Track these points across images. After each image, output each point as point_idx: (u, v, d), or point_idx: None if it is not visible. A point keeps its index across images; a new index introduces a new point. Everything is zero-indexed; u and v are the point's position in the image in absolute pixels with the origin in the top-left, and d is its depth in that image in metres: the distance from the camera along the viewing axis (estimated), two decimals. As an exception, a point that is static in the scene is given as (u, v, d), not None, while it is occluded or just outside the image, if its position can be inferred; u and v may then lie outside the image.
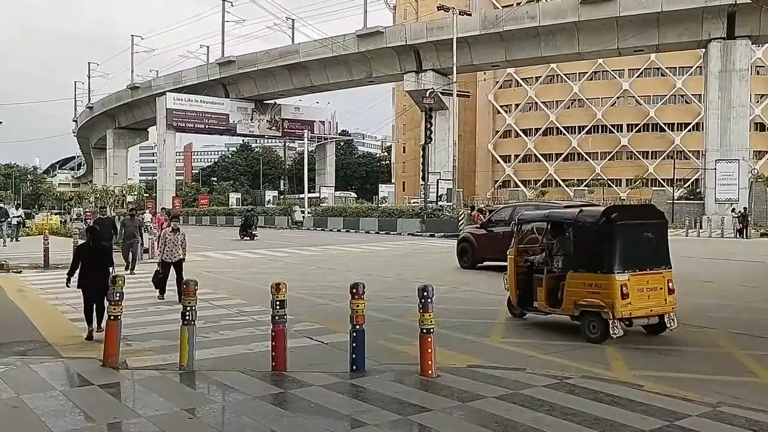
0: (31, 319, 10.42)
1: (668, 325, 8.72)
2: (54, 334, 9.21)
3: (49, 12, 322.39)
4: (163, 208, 46.26)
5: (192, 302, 6.86)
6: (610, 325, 8.24)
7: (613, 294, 8.24)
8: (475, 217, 25.35)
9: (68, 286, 9.35)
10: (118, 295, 7.07)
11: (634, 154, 73.12)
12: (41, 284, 14.55)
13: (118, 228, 18.15)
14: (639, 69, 71.84)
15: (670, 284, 8.70)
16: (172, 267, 12.26)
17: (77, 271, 9.14)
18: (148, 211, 32.99)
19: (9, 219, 29.84)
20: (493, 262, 16.22)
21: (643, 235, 8.88)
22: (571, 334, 9.00)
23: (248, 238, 32.20)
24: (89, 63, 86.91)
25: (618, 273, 8.31)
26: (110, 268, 9.28)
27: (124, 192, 73.85)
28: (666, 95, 72.35)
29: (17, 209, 38.54)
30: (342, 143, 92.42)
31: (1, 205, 33.86)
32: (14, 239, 29.53)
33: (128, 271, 16.10)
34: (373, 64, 52.49)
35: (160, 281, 12.37)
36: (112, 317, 7.04)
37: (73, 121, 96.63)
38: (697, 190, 51.56)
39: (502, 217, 17.36)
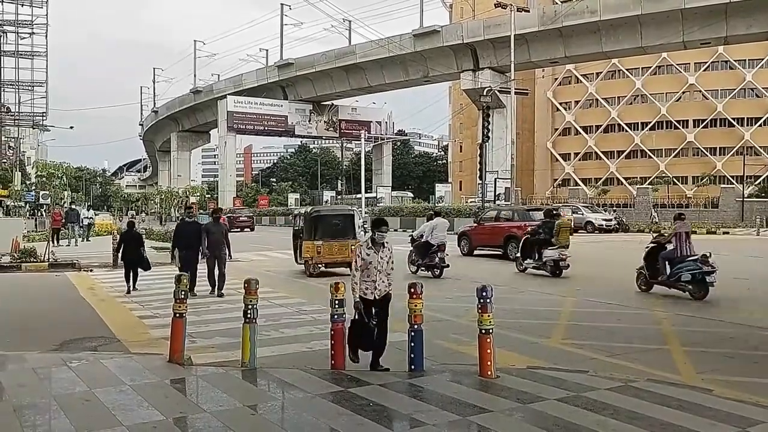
0: (101, 316, 10.83)
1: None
2: (123, 330, 9.55)
3: (115, 22, 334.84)
4: (225, 209, 47.26)
5: (253, 301, 6.99)
6: (312, 267, 15.91)
7: (313, 251, 15.92)
8: None
9: (115, 264, 13.69)
10: (183, 293, 7.26)
11: (701, 151, 70.48)
12: (110, 282, 15.09)
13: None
14: (705, 62, 69.16)
15: (352, 247, 13.67)
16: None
17: (122, 248, 13.95)
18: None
19: (81, 219, 31.22)
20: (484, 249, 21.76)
21: (333, 221, 16.57)
22: (636, 337, 8.76)
23: None
24: (154, 68, 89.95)
25: (315, 240, 15.96)
26: (141, 248, 13.91)
27: (187, 193, 76.20)
28: (735, 89, 69.44)
29: (88, 210, 40.19)
30: (398, 143, 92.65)
31: (74, 206, 35.30)
32: (85, 239, 30.80)
33: (215, 294, 12.81)
34: (430, 64, 52.30)
35: (357, 336, 6.84)
36: (177, 315, 7.22)
37: (140, 125, 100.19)
38: (769, 187, 49.31)
39: (489, 216, 23.52)
